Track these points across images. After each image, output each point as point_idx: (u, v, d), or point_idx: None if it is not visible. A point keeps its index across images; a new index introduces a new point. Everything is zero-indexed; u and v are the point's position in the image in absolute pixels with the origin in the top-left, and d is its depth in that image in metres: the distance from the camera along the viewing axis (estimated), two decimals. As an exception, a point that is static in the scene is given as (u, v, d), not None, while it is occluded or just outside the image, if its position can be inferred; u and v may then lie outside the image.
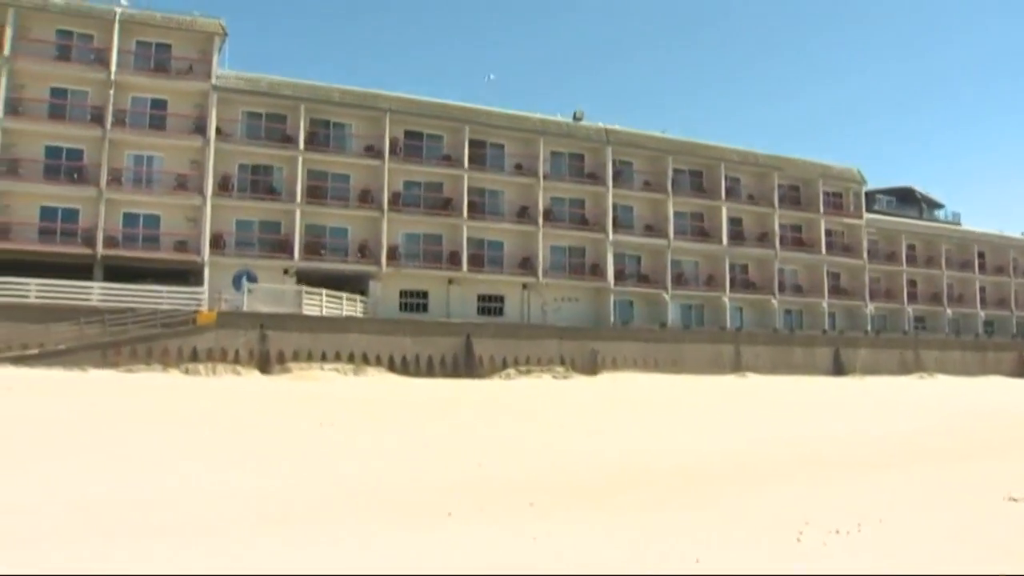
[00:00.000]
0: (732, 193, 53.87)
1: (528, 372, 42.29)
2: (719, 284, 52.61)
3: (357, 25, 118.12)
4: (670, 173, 51.36)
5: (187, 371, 35.72)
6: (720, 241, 52.69)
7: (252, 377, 36.11)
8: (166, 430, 18.74)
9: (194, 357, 36.26)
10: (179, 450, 15.80)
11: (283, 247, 42.76)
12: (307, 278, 42.10)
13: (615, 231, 49.54)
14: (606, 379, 42.97)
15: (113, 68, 40.81)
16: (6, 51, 39.64)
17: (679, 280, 51.61)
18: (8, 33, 39.77)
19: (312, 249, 43.30)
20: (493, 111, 47.88)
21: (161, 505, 10.73)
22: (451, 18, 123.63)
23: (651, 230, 51.20)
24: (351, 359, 38.76)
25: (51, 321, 34.60)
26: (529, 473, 14.29)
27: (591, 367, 43.90)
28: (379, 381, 37.38)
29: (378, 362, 39.29)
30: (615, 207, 49.90)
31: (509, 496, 12.00)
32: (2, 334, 34.13)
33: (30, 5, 40.66)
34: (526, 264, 47.17)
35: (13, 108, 39.77)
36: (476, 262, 46.00)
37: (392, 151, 44.81)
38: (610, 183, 49.63)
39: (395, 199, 44.87)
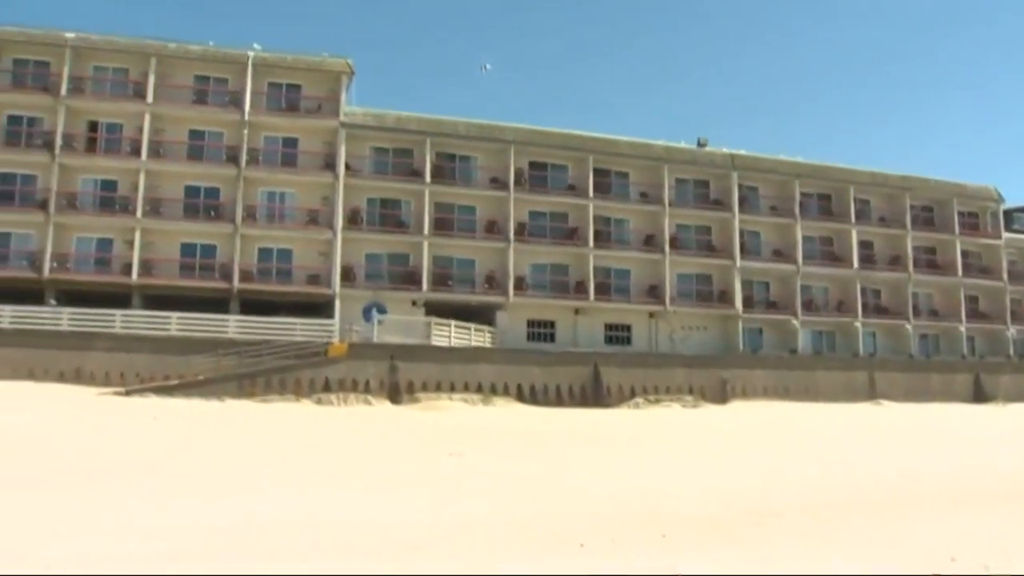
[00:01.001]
0: (862, 216, 52.16)
1: (657, 401, 41.35)
2: (851, 309, 50.82)
3: (480, 58, 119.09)
4: (797, 197, 50.05)
5: (319, 401, 36.00)
6: (851, 265, 50.96)
7: (383, 407, 36.16)
8: (302, 458, 18.84)
9: (326, 388, 36.55)
10: (317, 478, 15.85)
11: (411, 279, 43.05)
12: (435, 309, 42.22)
13: (742, 257, 48.42)
14: (736, 408, 41.72)
15: (247, 109, 42.04)
16: (149, 98, 41.22)
17: (809, 306, 50.06)
18: (151, 80, 41.40)
19: (440, 280, 43.47)
20: (617, 139, 47.57)
21: (308, 530, 10.66)
22: (569, 47, 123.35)
23: (779, 255, 49.88)
24: (479, 389, 38.53)
25: (191, 353, 35.71)
26: (659, 503, 13.90)
27: (720, 396, 42.70)
28: (507, 411, 36.99)
29: (506, 392, 38.95)
30: (742, 233, 48.79)
31: (640, 527, 11.63)
32: (146, 365, 35.49)
33: (169, 53, 42.35)
34: (653, 292, 46.42)
35: (155, 151, 41.31)
36: (603, 291, 45.49)
37: (517, 182, 44.82)
38: (736, 209, 48.57)
39: (521, 230, 44.79)
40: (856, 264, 51.07)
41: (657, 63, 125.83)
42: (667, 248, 46.66)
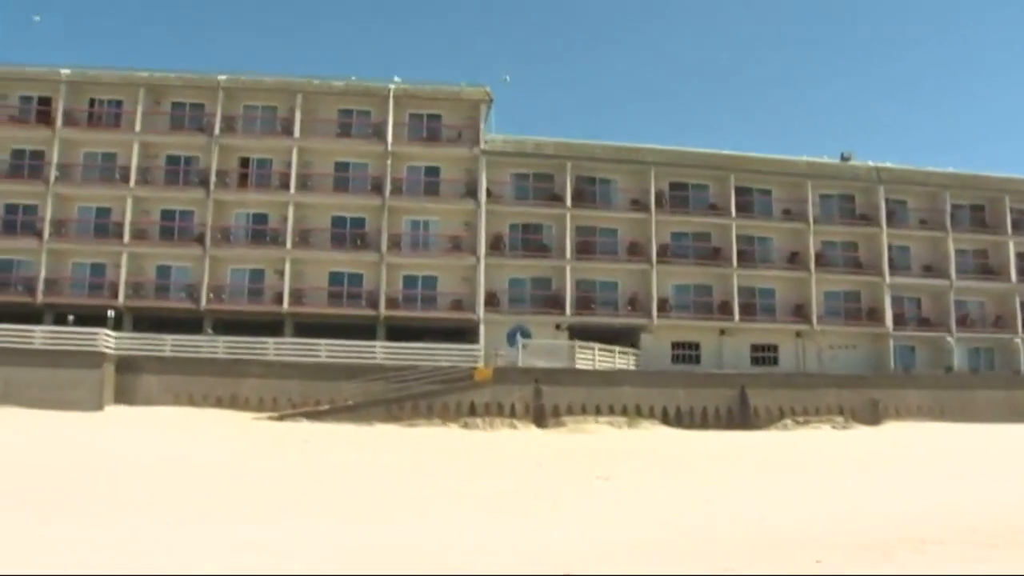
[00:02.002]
0: (1020, 226, 49.71)
1: (805, 423, 40.05)
2: (1009, 325, 48.38)
3: (615, 82, 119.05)
4: (948, 209, 48.07)
5: (466, 425, 36.26)
6: (1008, 278, 48.55)
7: (528, 431, 36.13)
8: (450, 483, 18.87)
9: (472, 412, 36.85)
10: (470, 503, 15.81)
11: (555, 303, 42.99)
12: (579, 333, 42.02)
13: (891, 273, 46.70)
14: (888, 429, 40.04)
15: (389, 140, 43.00)
16: (296, 133, 42.52)
17: (964, 322, 47.85)
18: (297, 116, 42.73)
19: (583, 304, 43.30)
20: (758, 157, 46.65)
21: (460, 556, 10.57)
22: (705, 67, 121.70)
23: (930, 270, 47.94)
24: (624, 412, 38.08)
25: (340, 379, 36.63)
26: (810, 528, 13.35)
27: (872, 417, 41.05)
28: (653, 433, 36.47)
29: (651, 414, 38.41)
30: (890, 248, 47.09)
31: (793, 552, 11.17)
32: (297, 391, 36.64)
33: (314, 89, 43.73)
34: (799, 311, 45.18)
35: (303, 184, 42.60)
36: (747, 311, 44.51)
37: (658, 203, 44.40)
38: (884, 223, 46.95)
39: (663, 251, 44.29)
40: (1014, 277, 48.63)
41: (797, 75, 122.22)
42: (812, 266, 45.39)
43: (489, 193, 43.25)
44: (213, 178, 42.33)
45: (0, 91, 43.49)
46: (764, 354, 45.16)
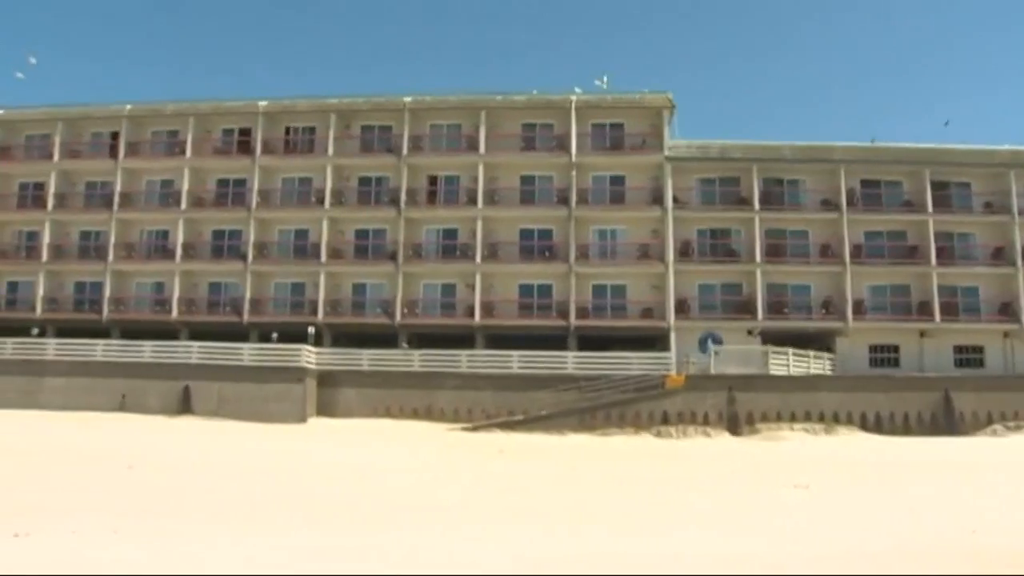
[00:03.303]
0: None
1: (1018, 428, 38.01)
2: None
3: (800, 79, 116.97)
4: None
5: (658, 434, 36.15)
6: None
7: (722, 439, 35.71)
8: (645, 492, 18.90)
9: (665, 420, 36.80)
10: (665, 512, 15.76)
11: (746, 308, 42.23)
12: (771, 338, 41.10)
13: (1109, 265, 43.86)
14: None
15: (573, 151, 43.27)
16: (481, 149, 43.32)
17: None
18: (481, 133, 43.55)
19: (775, 308, 42.36)
20: (954, 148, 44.61)
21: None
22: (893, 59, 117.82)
23: None
24: (820, 418, 37.23)
25: (532, 389, 37.17)
26: None
27: (1095, 421, 38.62)
28: (851, 440, 35.33)
29: (849, 420, 37.36)
30: (1107, 239, 44.23)
31: (1010, 570, 10.46)
32: (491, 401, 37.57)
33: (497, 105, 44.55)
34: (1006, 310, 42.88)
35: (490, 198, 43.32)
36: (949, 311, 42.53)
37: (849, 202, 43.06)
38: (1095, 212, 44.20)
39: (856, 251, 42.90)
40: None
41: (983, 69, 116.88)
42: (1019, 261, 43.08)
43: (675, 199, 42.96)
44: (403, 196, 43.63)
45: (205, 126, 46.17)
46: (969, 355, 43.03)
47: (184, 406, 37.78)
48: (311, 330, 41.08)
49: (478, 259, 42.69)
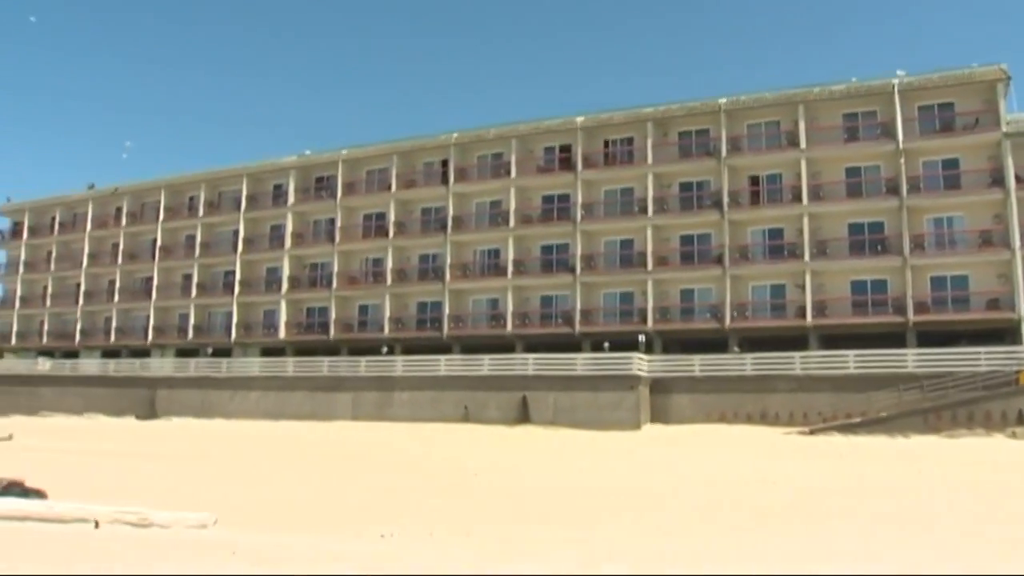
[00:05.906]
0: None
1: None
2: None
3: None
4: None
5: (1013, 435, 34.25)
6: None
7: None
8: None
9: (1020, 420, 34.68)
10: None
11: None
12: None
13: None
14: None
15: (900, 138, 41.69)
16: (802, 144, 42.79)
17: None
18: (801, 127, 42.95)
19: None
20: None
21: None
22: None
23: None
24: None
25: (871, 390, 36.49)
26: None
27: None
28: None
29: None
30: None
31: None
32: (827, 403, 37.26)
33: (815, 97, 43.60)
34: None
35: (814, 194, 42.83)
36: None
37: None
38: None
39: None
40: None
41: None
42: None
43: (1018, 179, 40.48)
44: (726, 199, 44.07)
45: (527, 145, 48.56)
46: None
47: (522, 415, 40.55)
48: (641, 338, 42.87)
49: (807, 257, 42.46)
